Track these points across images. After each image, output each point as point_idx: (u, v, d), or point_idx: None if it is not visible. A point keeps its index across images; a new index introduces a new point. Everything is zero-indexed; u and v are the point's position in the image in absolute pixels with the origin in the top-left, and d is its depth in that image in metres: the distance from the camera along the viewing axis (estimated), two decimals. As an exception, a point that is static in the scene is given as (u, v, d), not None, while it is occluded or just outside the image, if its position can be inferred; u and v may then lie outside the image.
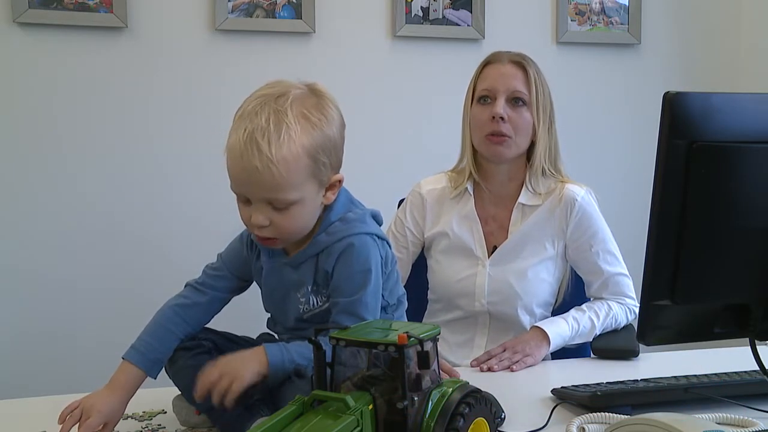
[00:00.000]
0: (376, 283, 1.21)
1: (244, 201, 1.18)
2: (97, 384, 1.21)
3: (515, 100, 1.74)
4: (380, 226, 1.28)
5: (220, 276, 1.31)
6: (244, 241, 1.31)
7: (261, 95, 1.16)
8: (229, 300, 1.32)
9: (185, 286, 1.31)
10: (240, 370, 1.11)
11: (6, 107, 2.48)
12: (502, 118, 1.72)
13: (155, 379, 1.24)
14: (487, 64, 1.80)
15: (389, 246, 1.27)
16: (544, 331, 1.65)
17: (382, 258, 1.23)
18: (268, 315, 1.35)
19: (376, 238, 1.23)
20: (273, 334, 1.35)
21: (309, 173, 1.15)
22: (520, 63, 1.76)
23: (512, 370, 1.56)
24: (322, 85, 1.21)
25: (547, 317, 1.77)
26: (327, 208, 1.24)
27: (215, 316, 1.30)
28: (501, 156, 1.76)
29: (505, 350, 1.62)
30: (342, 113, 1.22)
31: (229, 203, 2.99)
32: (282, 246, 1.24)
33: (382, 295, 1.25)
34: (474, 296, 1.77)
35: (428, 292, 1.86)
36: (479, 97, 1.77)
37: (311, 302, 1.24)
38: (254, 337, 1.35)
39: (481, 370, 1.57)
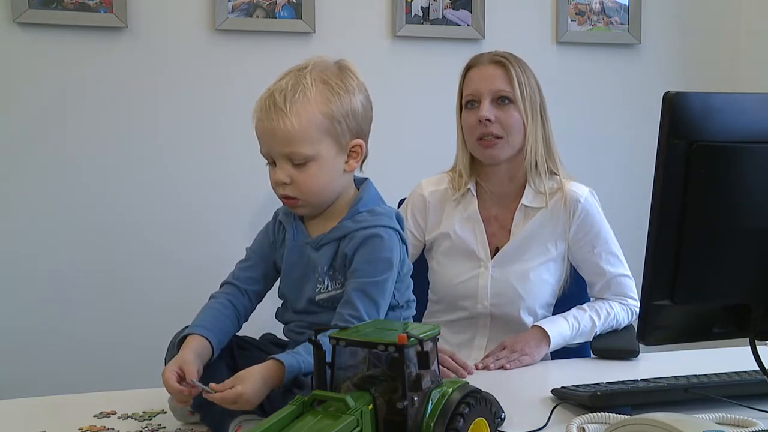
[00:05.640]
0: (394, 275, 1.25)
1: (272, 163, 1.26)
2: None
3: (501, 100, 1.73)
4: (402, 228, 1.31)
5: (249, 266, 1.35)
6: (273, 225, 1.36)
7: (289, 68, 1.27)
8: (268, 287, 1.36)
9: (221, 286, 1.34)
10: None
11: (6, 107, 2.47)
12: (489, 120, 1.71)
13: (214, 349, 1.21)
14: (469, 68, 1.80)
15: (407, 250, 1.31)
16: (545, 331, 1.65)
17: (400, 258, 1.27)
18: (279, 304, 1.36)
19: (400, 237, 1.28)
20: (275, 334, 1.35)
21: (324, 131, 1.22)
22: (501, 62, 1.75)
23: (505, 369, 1.56)
24: (351, 63, 1.30)
25: (548, 317, 1.77)
26: (356, 198, 1.29)
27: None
28: (495, 158, 1.75)
29: (504, 348, 1.62)
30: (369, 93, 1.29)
31: (229, 202, 2.99)
32: (305, 212, 1.29)
33: (393, 294, 1.27)
34: (477, 298, 1.77)
35: (428, 292, 1.86)
36: (466, 102, 1.78)
37: (326, 284, 1.26)
38: (257, 338, 1.35)
39: (476, 368, 1.57)
